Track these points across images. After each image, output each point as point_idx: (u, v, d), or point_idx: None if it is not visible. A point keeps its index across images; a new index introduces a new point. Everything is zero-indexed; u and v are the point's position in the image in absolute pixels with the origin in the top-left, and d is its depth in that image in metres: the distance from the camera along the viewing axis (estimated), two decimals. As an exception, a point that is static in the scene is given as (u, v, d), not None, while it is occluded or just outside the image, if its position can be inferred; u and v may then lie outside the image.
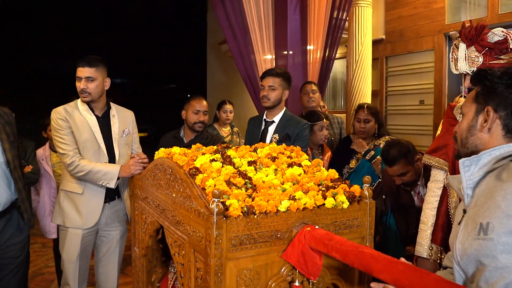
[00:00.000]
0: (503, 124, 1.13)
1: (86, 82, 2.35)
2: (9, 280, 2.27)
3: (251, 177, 1.58)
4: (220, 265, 1.31)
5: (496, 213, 1.02)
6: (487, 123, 1.14)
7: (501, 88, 1.12)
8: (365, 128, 3.17)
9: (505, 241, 1.00)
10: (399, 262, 1.08)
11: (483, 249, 1.03)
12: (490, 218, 1.03)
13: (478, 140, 1.17)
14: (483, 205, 1.07)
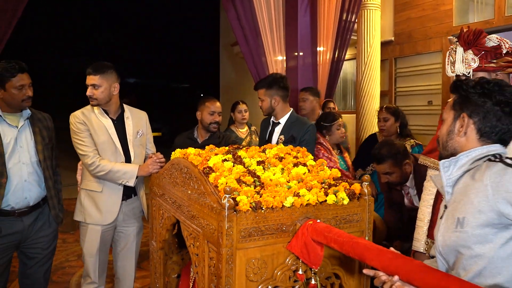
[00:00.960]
0: (477, 129, 1.26)
1: (92, 89, 2.48)
2: (37, 269, 2.46)
3: (259, 176, 1.73)
4: (231, 254, 1.46)
5: (470, 209, 1.16)
6: (463, 128, 1.28)
7: (474, 97, 1.26)
8: (385, 126, 3.41)
9: (477, 233, 1.14)
10: (388, 251, 1.23)
11: (460, 240, 1.17)
12: (465, 213, 1.17)
13: (456, 144, 1.31)
14: (460, 202, 1.21)
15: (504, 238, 1.13)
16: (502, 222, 1.13)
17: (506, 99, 1.23)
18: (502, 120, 1.23)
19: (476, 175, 1.20)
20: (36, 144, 2.38)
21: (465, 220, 1.17)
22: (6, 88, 2.27)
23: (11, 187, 2.28)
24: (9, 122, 2.33)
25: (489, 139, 1.26)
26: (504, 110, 1.23)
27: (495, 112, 1.23)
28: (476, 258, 1.15)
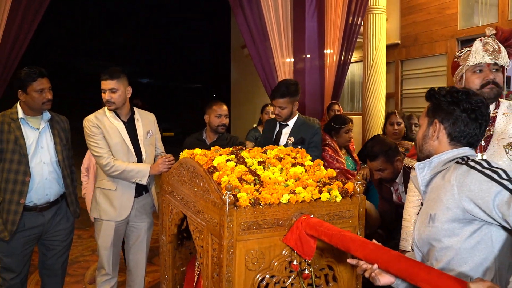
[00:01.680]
0: (448, 134, 1.40)
1: (110, 93, 2.65)
2: (56, 260, 2.66)
3: (259, 175, 1.87)
4: (231, 246, 1.61)
5: (440, 206, 1.30)
6: (435, 133, 1.41)
7: (445, 105, 1.40)
8: (398, 129, 3.58)
9: (446, 227, 1.28)
10: (370, 242, 1.37)
11: (432, 234, 1.31)
12: (436, 210, 1.31)
13: (430, 147, 1.45)
14: (432, 200, 1.35)
15: (468, 232, 1.27)
16: (466, 217, 1.26)
17: (472, 106, 1.36)
18: (469, 125, 1.37)
19: (446, 176, 1.33)
20: (55, 145, 2.57)
21: (436, 216, 1.31)
22: (28, 91, 2.46)
23: (33, 185, 2.47)
24: (31, 125, 2.52)
25: (458, 143, 1.39)
26: (470, 117, 1.36)
27: (463, 119, 1.37)
28: (446, 250, 1.29)
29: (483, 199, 1.21)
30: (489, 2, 4.80)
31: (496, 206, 1.18)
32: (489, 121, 1.44)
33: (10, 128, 2.44)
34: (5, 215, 2.41)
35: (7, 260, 2.47)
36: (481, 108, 1.37)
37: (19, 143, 2.43)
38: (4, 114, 2.49)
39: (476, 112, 1.36)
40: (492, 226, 1.25)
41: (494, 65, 1.90)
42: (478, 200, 1.22)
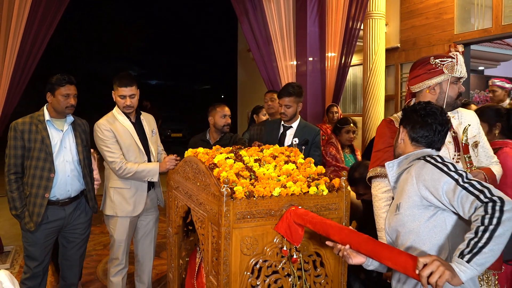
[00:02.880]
0: (409, 136, 1.66)
1: (130, 99, 2.89)
2: (75, 251, 2.90)
3: (255, 171, 2.10)
4: (228, 233, 1.84)
5: (404, 196, 1.53)
6: (401, 136, 1.65)
7: (408, 113, 1.67)
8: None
9: (408, 213, 1.50)
10: (345, 228, 1.59)
11: (398, 221, 1.54)
12: (401, 199, 1.54)
13: (399, 149, 1.72)
14: (399, 192, 1.59)
15: (426, 217, 1.50)
16: (424, 204, 1.50)
17: (426, 113, 1.63)
18: (425, 129, 1.63)
19: (410, 171, 1.57)
20: (77, 145, 2.82)
21: (401, 205, 1.55)
22: (55, 94, 2.70)
23: (57, 181, 2.72)
24: (56, 127, 2.76)
25: (419, 144, 1.65)
26: (425, 121, 1.62)
27: (420, 123, 1.63)
28: (409, 233, 1.52)
29: (434, 187, 1.45)
30: (484, 7, 4.98)
31: (444, 192, 1.43)
32: (447, 126, 1.65)
33: (37, 128, 2.69)
34: (31, 207, 2.66)
35: (31, 249, 2.72)
36: (435, 114, 1.62)
37: (46, 143, 2.68)
38: (32, 116, 2.74)
39: (430, 117, 1.62)
40: (446, 211, 1.49)
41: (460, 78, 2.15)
42: (431, 188, 1.47)
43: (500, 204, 1.29)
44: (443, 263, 1.22)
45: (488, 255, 1.24)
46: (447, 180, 1.43)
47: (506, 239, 1.27)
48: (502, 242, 1.26)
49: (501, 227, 1.25)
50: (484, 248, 1.24)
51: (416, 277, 1.24)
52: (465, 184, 1.40)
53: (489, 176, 2.07)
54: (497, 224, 1.26)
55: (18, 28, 3.93)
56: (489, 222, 1.27)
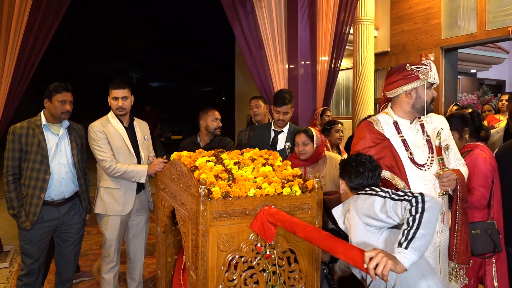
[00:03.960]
0: (348, 186, 1.96)
1: (123, 101, 3.05)
2: (70, 250, 3.05)
3: (233, 173, 2.24)
4: (205, 230, 1.98)
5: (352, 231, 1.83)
6: (341, 187, 1.99)
7: (345, 166, 1.96)
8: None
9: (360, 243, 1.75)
10: (309, 225, 1.74)
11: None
12: (351, 235, 1.82)
13: (344, 198, 2.01)
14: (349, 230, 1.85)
15: (374, 239, 1.74)
16: (368, 229, 1.75)
17: (356, 164, 1.91)
18: (360, 178, 1.90)
19: (350, 209, 1.84)
20: (72, 149, 2.97)
21: (352, 240, 1.81)
22: (52, 100, 2.86)
23: (52, 183, 2.87)
24: (52, 131, 2.92)
25: (357, 191, 1.89)
26: (357, 171, 1.89)
27: (355, 175, 1.91)
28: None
29: (371, 210, 1.70)
30: (469, 14, 5.12)
31: (379, 210, 1.67)
32: (377, 170, 1.94)
33: (34, 133, 2.84)
34: (28, 207, 2.81)
35: (27, 247, 2.87)
36: (364, 163, 1.91)
37: (42, 146, 2.83)
38: (29, 121, 2.90)
39: (361, 167, 1.90)
40: (388, 230, 1.72)
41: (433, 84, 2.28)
42: (368, 212, 1.71)
43: (421, 197, 1.52)
44: (386, 254, 1.36)
45: (421, 239, 1.44)
46: (378, 199, 1.69)
47: (434, 224, 1.48)
48: (430, 227, 1.47)
49: (426, 214, 1.48)
50: (416, 233, 1.44)
51: (365, 269, 1.38)
52: (392, 196, 1.65)
53: (459, 177, 2.18)
54: (422, 212, 1.48)
55: (18, 30, 4.09)
56: (415, 212, 1.49)
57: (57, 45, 18.28)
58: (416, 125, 2.31)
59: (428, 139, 2.28)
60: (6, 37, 4.05)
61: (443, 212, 2.17)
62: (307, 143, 3.01)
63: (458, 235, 2.15)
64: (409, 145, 2.24)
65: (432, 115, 2.37)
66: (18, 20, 4.08)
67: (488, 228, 2.40)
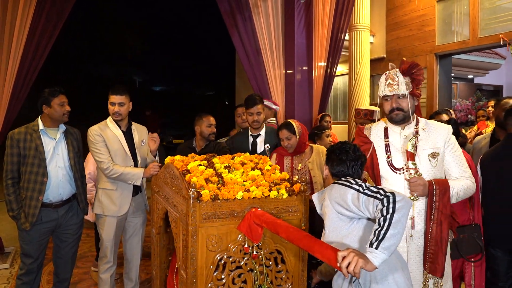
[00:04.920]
0: (330, 172, 2.03)
1: (119, 106, 3.17)
2: (68, 250, 3.15)
3: (223, 177, 2.34)
4: (195, 231, 2.08)
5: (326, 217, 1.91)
6: (324, 172, 2.05)
7: (330, 153, 2.03)
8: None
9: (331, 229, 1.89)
10: (291, 227, 1.82)
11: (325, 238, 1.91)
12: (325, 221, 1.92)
13: (326, 183, 2.06)
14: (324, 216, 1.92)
15: (344, 228, 1.84)
16: (341, 218, 1.83)
17: (340, 151, 1.98)
18: (341, 165, 1.97)
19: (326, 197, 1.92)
20: (68, 152, 3.08)
21: (325, 225, 1.88)
22: (52, 105, 2.97)
23: (50, 185, 2.98)
24: (50, 135, 3.03)
25: (338, 177, 1.97)
26: (340, 158, 1.97)
27: (337, 162, 1.98)
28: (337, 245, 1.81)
29: (343, 200, 1.78)
30: (463, 21, 5.21)
31: (351, 202, 1.75)
32: (359, 160, 1.98)
33: (32, 137, 2.95)
34: (27, 209, 2.92)
35: (27, 247, 2.98)
36: (348, 152, 1.97)
37: (39, 150, 2.94)
38: (27, 126, 3.01)
39: (343, 155, 1.96)
40: (359, 221, 1.81)
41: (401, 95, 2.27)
42: (341, 202, 1.79)
43: (393, 197, 1.59)
44: (357, 253, 1.46)
45: (390, 239, 1.52)
46: (351, 191, 1.77)
47: (403, 223, 1.56)
48: (400, 227, 1.54)
49: (396, 214, 1.55)
50: (386, 233, 1.52)
51: (339, 268, 1.48)
52: (365, 191, 1.72)
53: (439, 187, 2.17)
54: (393, 212, 1.55)
55: (21, 34, 4.22)
56: (386, 212, 1.56)
57: (59, 48, 18.39)
58: (408, 131, 2.35)
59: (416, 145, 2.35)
60: (9, 41, 4.18)
61: (412, 217, 2.21)
62: (290, 137, 3.23)
63: (431, 246, 2.16)
64: (391, 150, 2.32)
65: (437, 124, 2.36)
66: (21, 25, 4.20)
67: (475, 231, 2.47)
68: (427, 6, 5.58)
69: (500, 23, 4.82)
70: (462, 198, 2.23)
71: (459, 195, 2.19)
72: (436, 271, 2.14)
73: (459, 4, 5.22)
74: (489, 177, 2.65)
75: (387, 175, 2.28)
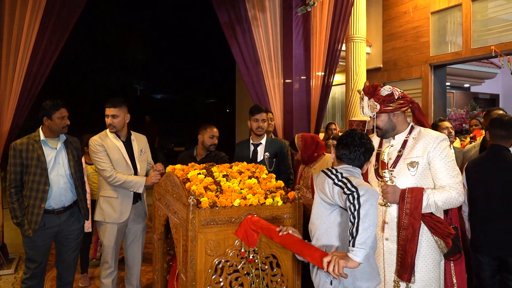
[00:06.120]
0: (336, 155, 2.08)
1: (112, 119, 3.29)
2: (70, 254, 3.26)
3: (221, 185, 2.47)
4: (194, 236, 2.20)
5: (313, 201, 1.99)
6: (331, 154, 2.12)
7: (340, 138, 2.09)
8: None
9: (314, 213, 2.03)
10: (284, 233, 1.95)
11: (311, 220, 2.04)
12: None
13: (333, 164, 2.11)
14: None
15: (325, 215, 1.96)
16: (323, 205, 1.96)
17: (346, 136, 2.05)
18: (345, 149, 2.02)
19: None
20: (69, 161, 3.20)
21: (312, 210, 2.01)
22: (52, 118, 3.10)
23: (52, 193, 3.10)
24: (50, 145, 3.15)
25: (342, 161, 2.04)
26: (343, 143, 2.03)
27: (342, 145, 2.04)
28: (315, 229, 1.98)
29: (323, 188, 1.90)
30: (456, 32, 5.36)
31: (329, 191, 1.87)
32: (362, 148, 2.03)
33: (33, 148, 3.08)
34: (30, 216, 3.04)
35: (31, 252, 3.09)
36: (353, 138, 2.03)
37: (41, 160, 3.06)
38: (29, 137, 3.13)
39: (348, 139, 2.03)
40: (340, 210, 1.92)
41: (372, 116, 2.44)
42: (322, 190, 1.91)
43: (356, 192, 1.70)
44: (339, 255, 1.60)
45: (363, 233, 1.64)
46: (329, 181, 1.89)
47: (372, 216, 1.67)
48: (370, 219, 1.66)
49: (362, 209, 1.66)
50: (358, 229, 1.64)
51: (327, 271, 1.60)
52: (338, 182, 1.84)
53: (410, 195, 2.26)
54: (359, 208, 1.67)
55: (27, 50, 4.37)
56: (353, 209, 1.68)
57: (60, 56, 18.54)
58: (398, 140, 2.46)
59: (399, 154, 2.46)
60: (15, 56, 4.33)
61: (383, 222, 2.32)
62: (295, 153, 3.65)
63: (399, 251, 2.26)
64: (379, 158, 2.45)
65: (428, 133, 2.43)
66: (27, 39, 4.35)
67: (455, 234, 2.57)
68: (421, 17, 5.74)
69: (492, 35, 4.96)
70: (443, 209, 2.30)
71: (437, 205, 2.25)
72: (402, 276, 2.23)
73: (453, 16, 5.37)
74: (474, 185, 2.76)
75: (372, 181, 2.41)
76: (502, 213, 2.64)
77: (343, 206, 1.81)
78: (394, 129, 2.45)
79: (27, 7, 4.26)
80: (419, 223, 2.24)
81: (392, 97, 2.42)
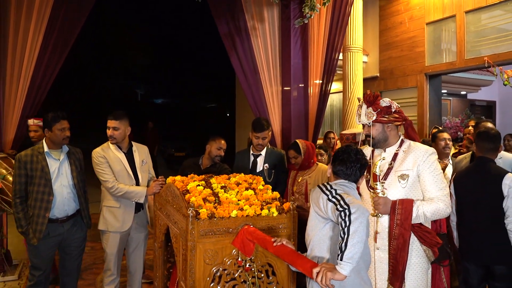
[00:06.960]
0: (332, 170, 2.18)
1: (113, 130, 3.40)
2: (73, 262, 3.37)
3: (219, 196, 2.58)
4: (193, 246, 2.30)
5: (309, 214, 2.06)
6: (328, 170, 2.21)
7: (335, 154, 2.19)
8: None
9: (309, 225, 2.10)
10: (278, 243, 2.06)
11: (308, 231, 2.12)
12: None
13: (329, 179, 2.21)
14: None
15: (318, 228, 2.04)
16: (317, 218, 2.05)
17: (342, 152, 2.15)
18: (341, 165, 2.13)
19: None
20: (72, 171, 3.31)
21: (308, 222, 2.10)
22: (53, 129, 3.21)
23: (55, 203, 3.21)
24: (54, 156, 3.27)
25: (338, 176, 2.15)
26: (339, 159, 2.14)
27: (338, 161, 2.15)
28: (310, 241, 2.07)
29: (318, 202, 2.00)
30: (450, 43, 5.48)
31: (323, 206, 1.96)
32: (358, 163, 2.13)
33: (38, 159, 3.19)
34: (34, 225, 3.15)
35: (36, 260, 3.20)
36: (349, 154, 2.13)
37: (45, 171, 3.18)
38: (33, 149, 3.25)
39: (344, 155, 2.14)
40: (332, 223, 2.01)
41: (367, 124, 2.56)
42: (317, 204, 2.01)
43: (348, 209, 1.80)
44: (327, 267, 1.71)
45: (351, 248, 1.74)
46: (323, 196, 1.98)
47: (361, 234, 1.76)
48: (359, 236, 1.75)
49: (352, 226, 1.76)
50: (347, 244, 1.74)
51: (315, 280, 1.72)
52: (332, 199, 1.93)
53: (402, 207, 2.36)
54: (349, 224, 1.77)
55: (30, 62, 4.49)
56: (344, 226, 1.78)
57: (65, 66, 18.67)
58: (388, 153, 2.57)
59: (390, 166, 2.57)
60: (19, 67, 4.45)
61: (375, 232, 2.44)
62: (297, 157, 3.79)
63: (392, 260, 2.37)
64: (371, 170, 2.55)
65: (417, 147, 2.53)
66: (31, 51, 4.47)
67: (443, 240, 2.67)
68: (417, 28, 5.87)
69: (485, 46, 5.08)
70: (432, 219, 2.42)
71: (426, 216, 2.35)
72: (394, 283, 2.34)
73: (447, 27, 5.49)
74: (462, 195, 2.87)
75: (363, 192, 2.52)
76: (489, 224, 2.75)
77: (335, 221, 1.90)
78: (386, 140, 2.56)
79: (31, 22, 4.38)
80: (409, 233, 2.34)
81: (389, 109, 2.54)
